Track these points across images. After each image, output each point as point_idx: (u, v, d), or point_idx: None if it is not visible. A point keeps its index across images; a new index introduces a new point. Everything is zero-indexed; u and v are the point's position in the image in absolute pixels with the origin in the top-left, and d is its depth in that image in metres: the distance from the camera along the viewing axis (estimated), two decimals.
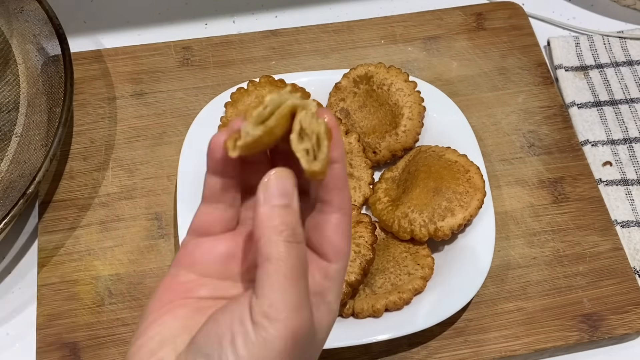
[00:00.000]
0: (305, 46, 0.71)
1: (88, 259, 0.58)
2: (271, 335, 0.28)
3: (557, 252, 0.60)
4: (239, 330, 0.28)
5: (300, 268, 0.29)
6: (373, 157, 0.61)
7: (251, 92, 0.62)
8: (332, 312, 0.33)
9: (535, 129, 0.66)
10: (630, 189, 0.64)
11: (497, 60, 0.70)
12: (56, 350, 0.54)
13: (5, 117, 0.64)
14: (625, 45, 0.73)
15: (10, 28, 0.68)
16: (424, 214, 0.55)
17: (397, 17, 0.73)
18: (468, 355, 0.55)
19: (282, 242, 0.29)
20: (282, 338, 0.28)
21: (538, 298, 0.57)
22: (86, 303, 0.56)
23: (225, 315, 0.29)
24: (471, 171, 0.57)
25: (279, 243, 0.29)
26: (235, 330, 0.28)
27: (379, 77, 0.62)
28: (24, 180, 0.58)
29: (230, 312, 0.29)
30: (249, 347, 0.28)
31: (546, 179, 0.63)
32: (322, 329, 0.32)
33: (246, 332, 0.28)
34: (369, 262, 0.52)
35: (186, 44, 0.71)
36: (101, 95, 0.67)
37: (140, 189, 0.62)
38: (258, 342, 0.28)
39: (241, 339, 0.28)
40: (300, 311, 0.29)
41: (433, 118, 0.62)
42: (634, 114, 0.68)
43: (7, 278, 0.59)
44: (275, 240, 0.29)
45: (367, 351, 0.55)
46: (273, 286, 0.29)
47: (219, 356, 0.28)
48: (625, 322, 0.56)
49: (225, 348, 0.28)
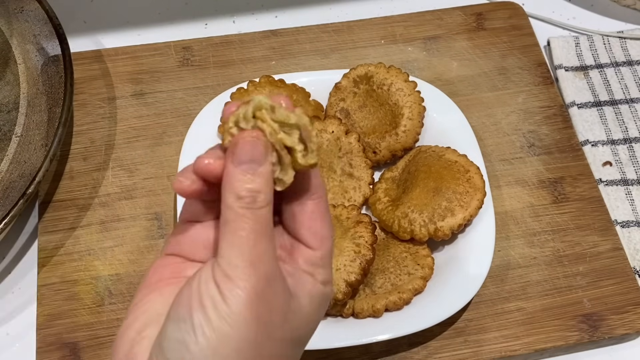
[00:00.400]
0: (305, 46, 0.71)
1: (88, 259, 0.58)
2: (233, 292, 0.28)
3: (557, 252, 0.60)
4: (205, 291, 0.29)
5: (259, 229, 0.29)
6: (373, 157, 0.61)
7: (251, 92, 0.62)
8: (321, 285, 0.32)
9: (535, 129, 0.66)
10: (630, 189, 0.64)
11: (497, 60, 0.70)
12: (56, 350, 0.54)
13: (5, 117, 0.64)
14: (625, 45, 0.73)
15: (10, 28, 0.68)
16: (424, 214, 0.55)
17: (397, 17, 0.73)
18: (468, 355, 0.55)
19: (241, 208, 0.29)
20: (244, 293, 0.28)
21: (538, 298, 0.57)
22: (86, 303, 0.56)
23: (194, 281, 0.30)
24: (471, 171, 0.57)
25: (237, 208, 0.29)
26: (202, 292, 0.29)
27: (379, 77, 0.62)
28: (24, 180, 0.58)
29: (198, 276, 0.30)
30: (216, 307, 0.28)
31: (546, 179, 0.63)
32: (305, 295, 0.31)
33: (211, 293, 0.28)
34: (369, 262, 0.52)
35: (186, 44, 0.71)
36: (101, 95, 0.67)
37: (140, 189, 0.62)
38: (223, 301, 0.28)
39: (209, 300, 0.28)
40: (258, 267, 0.29)
41: (433, 118, 0.62)
42: (634, 114, 0.68)
43: (7, 278, 0.59)
44: (233, 206, 0.29)
45: (367, 351, 0.55)
46: (230, 245, 0.29)
47: (191, 319, 0.28)
48: (625, 322, 0.56)
49: (195, 310, 0.28)
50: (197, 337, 0.28)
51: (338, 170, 0.59)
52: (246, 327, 0.28)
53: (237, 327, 0.28)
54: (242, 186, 0.29)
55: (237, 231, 0.29)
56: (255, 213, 0.29)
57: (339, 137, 0.60)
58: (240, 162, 0.30)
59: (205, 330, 0.28)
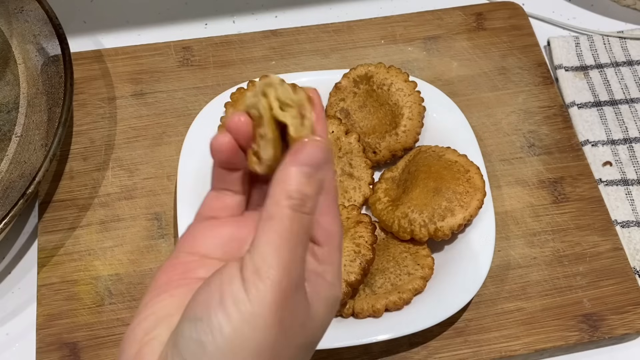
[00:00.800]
0: (305, 46, 0.71)
1: (88, 259, 0.58)
2: (261, 292, 0.27)
3: (557, 252, 0.60)
4: (228, 289, 0.28)
5: (300, 235, 0.29)
6: (373, 157, 0.61)
7: None
8: (333, 287, 0.32)
9: (535, 129, 0.66)
10: (630, 189, 0.64)
11: (497, 60, 0.70)
12: (56, 350, 0.54)
13: (5, 117, 0.64)
14: (625, 45, 0.73)
15: (10, 28, 0.68)
16: (424, 214, 0.55)
17: (397, 17, 0.73)
18: (468, 355, 0.55)
19: (288, 207, 0.29)
20: (272, 294, 0.27)
21: (538, 298, 0.57)
22: (86, 303, 0.56)
23: (215, 279, 0.29)
24: (471, 171, 0.57)
25: (285, 207, 0.29)
26: (224, 290, 0.28)
27: (379, 77, 0.62)
28: (24, 180, 0.58)
29: (220, 274, 0.29)
30: (238, 305, 0.27)
31: (546, 179, 0.63)
32: (320, 301, 0.31)
33: (235, 291, 0.28)
34: (369, 262, 0.52)
35: (186, 44, 0.71)
36: (101, 95, 0.67)
37: (140, 189, 0.62)
38: (248, 299, 0.27)
39: (230, 298, 0.27)
40: (291, 271, 0.28)
41: (433, 118, 0.62)
42: (634, 114, 0.68)
43: (7, 278, 0.59)
44: (282, 204, 0.29)
45: (367, 351, 0.55)
46: (269, 242, 0.28)
47: (209, 318, 0.28)
48: (625, 322, 0.56)
49: (214, 309, 0.28)
50: (214, 337, 0.27)
51: (338, 170, 0.59)
52: (268, 331, 0.28)
53: (259, 329, 0.27)
54: (296, 187, 0.29)
55: (281, 231, 0.28)
56: (301, 217, 0.29)
57: (339, 137, 0.60)
58: (301, 163, 0.29)
59: (224, 330, 0.27)
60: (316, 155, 0.29)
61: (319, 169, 0.29)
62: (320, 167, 0.29)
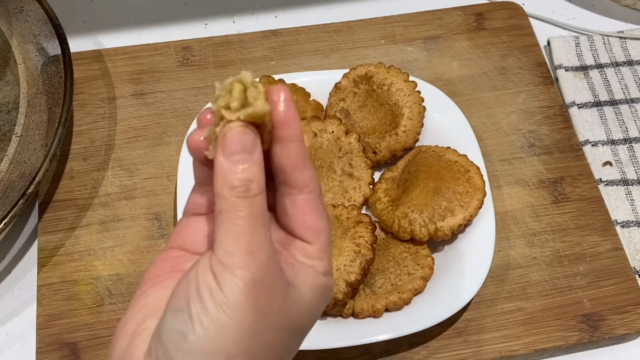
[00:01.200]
0: (305, 46, 0.71)
1: (88, 259, 0.58)
2: (230, 281, 0.28)
3: (557, 252, 0.60)
4: (202, 281, 0.29)
5: (254, 217, 0.29)
6: (373, 157, 0.61)
7: None
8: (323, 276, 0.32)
9: (535, 129, 0.66)
10: (630, 189, 0.64)
11: (497, 60, 0.70)
12: (56, 350, 0.54)
13: (5, 117, 0.64)
14: (625, 45, 0.73)
15: (10, 28, 0.68)
16: (424, 214, 0.55)
17: (397, 17, 0.73)
18: (468, 355, 0.55)
19: (235, 197, 0.29)
20: (242, 280, 0.28)
21: (538, 298, 0.57)
22: (86, 303, 0.56)
23: (192, 271, 0.30)
24: (471, 171, 0.57)
25: (230, 197, 0.29)
26: (199, 281, 0.29)
27: (379, 77, 0.62)
28: (24, 180, 0.58)
29: (196, 267, 0.30)
30: (213, 296, 0.28)
31: (546, 179, 0.63)
32: (305, 286, 0.31)
33: (209, 281, 0.28)
34: (369, 262, 0.52)
35: (186, 44, 0.71)
36: (101, 95, 0.67)
37: (140, 189, 0.62)
38: (220, 290, 0.28)
39: (206, 290, 0.28)
40: (255, 255, 0.29)
41: (433, 118, 0.62)
42: (634, 114, 0.68)
43: (7, 278, 0.59)
44: (227, 195, 0.29)
45: (367, 351, 0.55)
46: (226, 234, 0.29)
47: (189, 309, 0.28)
48: (625, 322, 0.56)
49: (193, 300, 0.28)
50: (194, 326, 0.28)
51: (338, 170, 0.59)
52: (244, 316, 0.28)
53: (234, 316, 0.28)
54: (235, 176, 0.29)
55: (233, 219, 0.29)
56: (250, 201, 0.29)
57: (339, 137, 0.60)
58: (231, 153, 0.29)
59: (202, 319, 0.28)
60: (244, 141, 0.29)
61: (250, 152, 0.29)
62: (250, 149, 0.29)
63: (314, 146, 0.59)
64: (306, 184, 0.32)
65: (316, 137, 0.59)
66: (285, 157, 0.31)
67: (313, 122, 0.60)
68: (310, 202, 0.32)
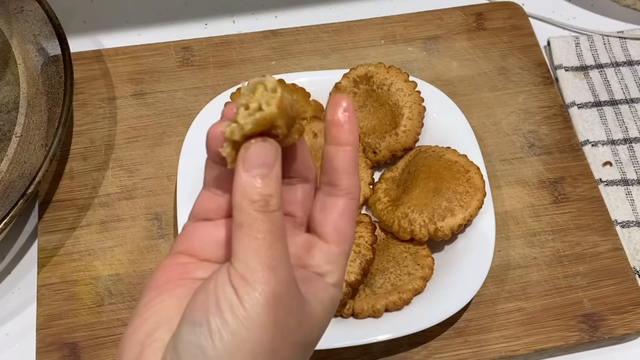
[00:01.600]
0: (305, 46, 0.71)
1: (88, 259, 0.58)
2: (252, 296, 0.28)
3: (557, 252, 0.60)
4: (222, 294, 0.29)
5: (274, 232, 0.29)
6: (373, 157, 0.61)
7: None
8: (333, 288, 0.32)
9: (535, 129, 0.66)
10: (630, 189, 0.64)
11: (497, 60, 0.70)
12: (56, 350, 0.54)
13: (5, 117, 0.64)
14: (625, 45, 0.73)
15: (10, 28, 0.68)
16: (424, 214, 0.55)
17: (397, 17, 0.73)
18: (468, 355, 0.55)
19: (255, 211, 0.29)
20: (263, 296, 0.28)
21: (538, 298, 0.57)
22: (86, 303, 0.56)
23: (210, 283, 0.30)
24: (471, 171, 0.57)
25: (250, 211, 0.29)
26: (219, 295, 0.29)
27: (379, 77, 0.62)
28: (24, 180, 0.58)
29: (214, 279, 0.30)
30: (234, 311, 0.28)
31: (546, 179, 0.63)
32: (317, 302, 0.31)
33: (229, 296, 0.28)
34: (369, 262, 0.52)
35: (186, 44, 0.71)
36: (101, 95, 0.67)
37: (140, 189, 0.62)
38: (240, 305, 0.28)
39: (226, 303, 0.28)
40: (276, 270, 0.29)
41: (433, 118, 0.62)
42: (634, 114, 0.68)
43: (7, 278, 0.59)
44: (246, 209, 0.29)
45: (367, 351, 0.55)
46: (246, 249, 0.29)
47: (208, 323, 0.28)
48: (625, 322, 0.56)
49: (212, 314, 0.28)
50: (214, 341, 0.28)
51: None
52: (264, 331, 0.28)
53: (254, 331, 0.28)
54: (255, 190, 0.29)
55: (253, 234, 0.29)
56: (269, 216, 0.29)
57: None
58: (251, 167, 0.29)
59: (222, 334, 0.28)
60: (266, 156, 0.30)
61: (271, 167, 0.30)
62: (271, 164, 0.30)
63: (314, 146, 0.59)
64: (351, 190, 0.32)
65: (316, 137, 0.59)
66: (341, 160, 0.32)
67: (313, 122, 0.60)
68: (349, 207, 0.32)
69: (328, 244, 0.32)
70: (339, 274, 0.32)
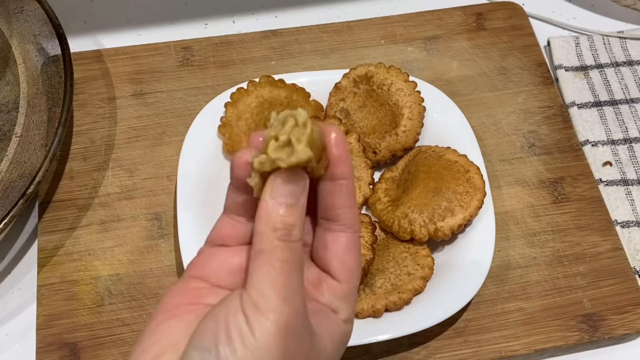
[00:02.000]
0: (305, 46, 0.71)
1: (88, 259, 0.58)
2: (264, 325, 0.28)
3: (557, 252, 0.60)
4: (233, 322, 0.28)
5: (292, 262, 0.29)
6: (373, 157, 0.61)
7: (251, 92, 0.62)
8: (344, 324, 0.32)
9: (535, 129, 0.66)
10: (630, 189, 0.64)
11: (497, 60, 0.70)
12: (56, 350, 0.54)
13: (5, 117, 0.64)
14: (625, 45, 0.73)
15: (10, 28, 0.68)
16: (424, 214, 0.55)
17: (397, 17, 0.73)
18: (468, 355, 0.55)
19: (276, 239, 0.29)
20: (275, 326, 0.28)
21: (538, 298, 0.57)
22: (86, 303, 0.56)
23: (221, 309, 0.29)
24: (471, 171, 0.57)
25: (272, 239, 0.29)
26: (229, 322, 0.28)
27: (379, 77, 0.62)
28: (24, 180, 0.58)
29: (226, 305, 0.29)
30: (243, 339, 0.28)
31: (546, 179, 0.63)
32: (326, 337, 0.31)
33: (240, 324, 0.28)
34: (369, 262, 0.52)
35: (186, 44, 0.71)
36: (101, 95, 0.67)
37: (140, 189, 0.62)
38: (251, 334, 0.28)
39: (236, 331, 0.28)
40: (291, 301, 0.29)
41: (433, 118, 0.62)
42: (634, 114, 0.68)
43: (7, 278, 0.59)
44: (269, 236, 0.29)
45: (367, 351, 0.55)
46: (263, 276, 0.29)
47: (217, 349, 0.28)
48: (625, 322, 0.56)
49: (222, 341, 0.28)
50: None
51: None
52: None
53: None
54: (279, 218, 0.29)
55: (272, 261, 0.29)
56: (290, 246, 0.29)
57: None
58: (278, 195, 0.29)
59: None
60: (294, 186, 0.30)
61: (298, 198, 0.30)
62: (298, 195, 0.30)
63: None
64: (352, 224, 0.32)
65: None
66: (337, 195, 0.32)
67: None
68: (352, 242, 0.32)
69: (337, 281, 0.32)
70: (350, 310, 0.33)
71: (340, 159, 0.31)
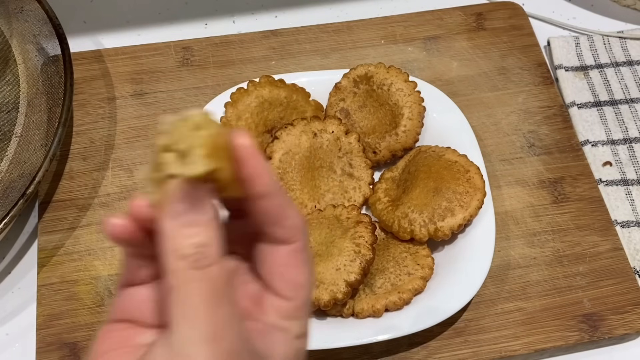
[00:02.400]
0: (305, 46, 0.71)
1: (88, 259, 0.58)
2: None
3: (557, 252, 0.60)
4: None
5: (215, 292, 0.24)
6: (373, 157, 0.61)
7: (251, 92, 0.62)
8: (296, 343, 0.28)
9: (535, 129, 0.66)
10: (630, 189, 0.64)
11: (497, 60, 0.70)
12: (56, 350, 0.54)
13: (5, 117, 0.64)
14: (625, 45, 0.73)
15: (10, 28, 0.68)
16: (424, 214, 0.55)
17: (397, 17, 0.73)
18: (468, 355, 0.55)
19: (188, 269, 0.24)
20: None
21: (538, 298, 0.57)
22: (86, 303, 0.56)
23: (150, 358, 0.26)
24: (471, 171, 0.57)
25: (182, 270, 0.24)
26: None
27: (379, 77, 0.62)
28: (24, 180, 0.58)
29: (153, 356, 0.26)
30: None
31: (546, 179, 0.63)
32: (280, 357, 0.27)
33: None
34: (369, 262, 0.52)
35: (186, 44, 0.71)
36: (101, 95, 0.67)
37: (140, 189, 0.62)
38: None
39: None
40: (222, 340, 0.24)
41: (433, 118, 0.62)
42: (634, 114, 0.68)
43: (7, 278, 0.59)
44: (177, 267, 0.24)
45: (367, 351, 0.55)
46: (182, 320, 0.24)
47: None
48: (625, 322, 0.56)
49: None
50: None
51: (338, 170, 0.59)
52: None
53: None
54: (185, 242, 0.24)
55: (188, 299, 0.24)
56: (206, 273, 0.24)
57: (339, 137, 0.60)
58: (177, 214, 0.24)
59: None
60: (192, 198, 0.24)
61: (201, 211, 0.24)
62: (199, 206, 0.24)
63: (314, 146, 0.59)
64: (288, 237, 0.28)
65: (316, 137, 0.59)
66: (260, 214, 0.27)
67: (313, 122, 0.60)
68: (292, 254, 0.28)
69: (279, 298, 0.28)
70: (302, 324, 0.28)
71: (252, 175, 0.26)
